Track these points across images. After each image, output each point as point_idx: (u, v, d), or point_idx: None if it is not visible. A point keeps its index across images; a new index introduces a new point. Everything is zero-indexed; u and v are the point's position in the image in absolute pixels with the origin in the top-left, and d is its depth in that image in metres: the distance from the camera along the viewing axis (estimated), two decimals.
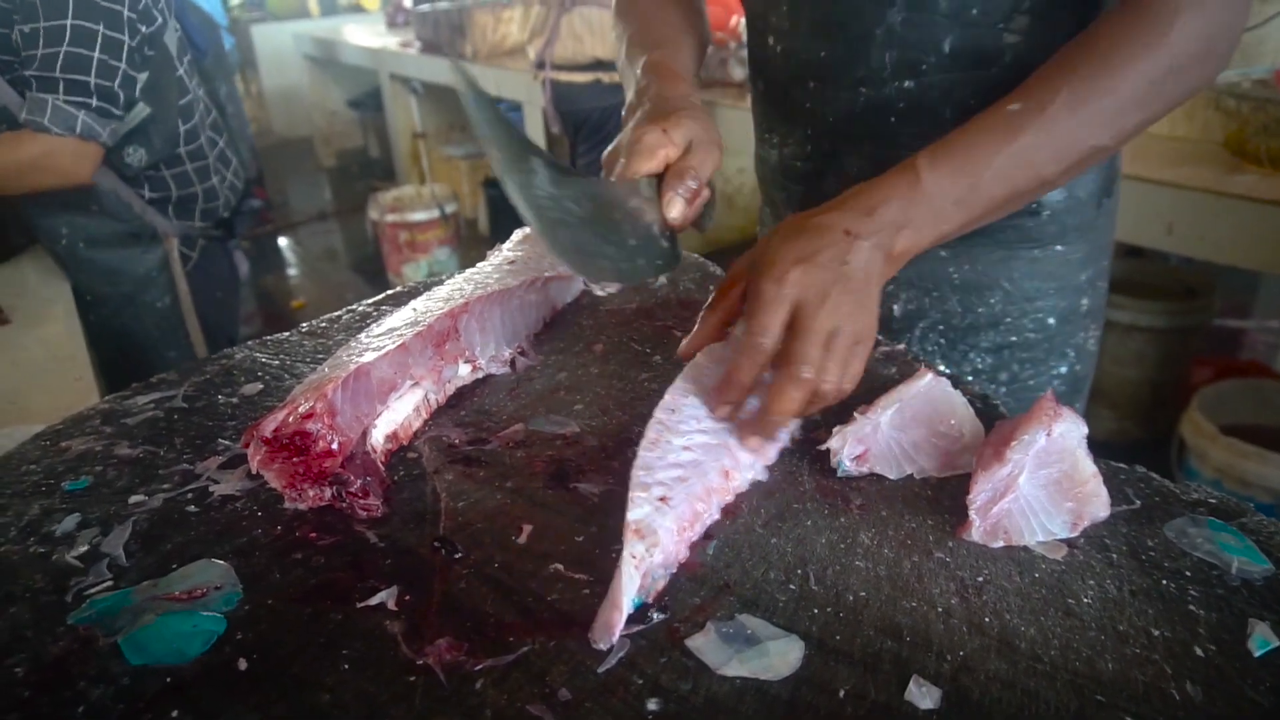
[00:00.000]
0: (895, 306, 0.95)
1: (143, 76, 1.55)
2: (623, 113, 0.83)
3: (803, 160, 0.96)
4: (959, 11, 0.79)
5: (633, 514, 0.53)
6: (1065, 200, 0.88)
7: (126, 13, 1.48)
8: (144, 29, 1.52)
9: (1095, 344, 1.00)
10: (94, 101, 1.47)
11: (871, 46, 0.83)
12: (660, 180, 0.73)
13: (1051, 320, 0.93)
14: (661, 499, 0.55)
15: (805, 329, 0.60)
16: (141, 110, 1.57)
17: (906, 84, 0.83)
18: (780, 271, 0.61)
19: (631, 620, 0.49)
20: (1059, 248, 0.90)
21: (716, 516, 0.58)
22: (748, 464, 0.62)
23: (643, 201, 0.72)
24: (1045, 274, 0.91)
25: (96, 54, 1.44)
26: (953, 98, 0.83)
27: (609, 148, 0.76)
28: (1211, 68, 0.69)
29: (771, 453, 0.64)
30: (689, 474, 0.58)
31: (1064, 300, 0.93)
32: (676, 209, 0.72)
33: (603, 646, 0.48)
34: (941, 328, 0.94)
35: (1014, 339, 0.94)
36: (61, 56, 1.42)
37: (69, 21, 1.41)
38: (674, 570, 0.54)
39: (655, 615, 0.50)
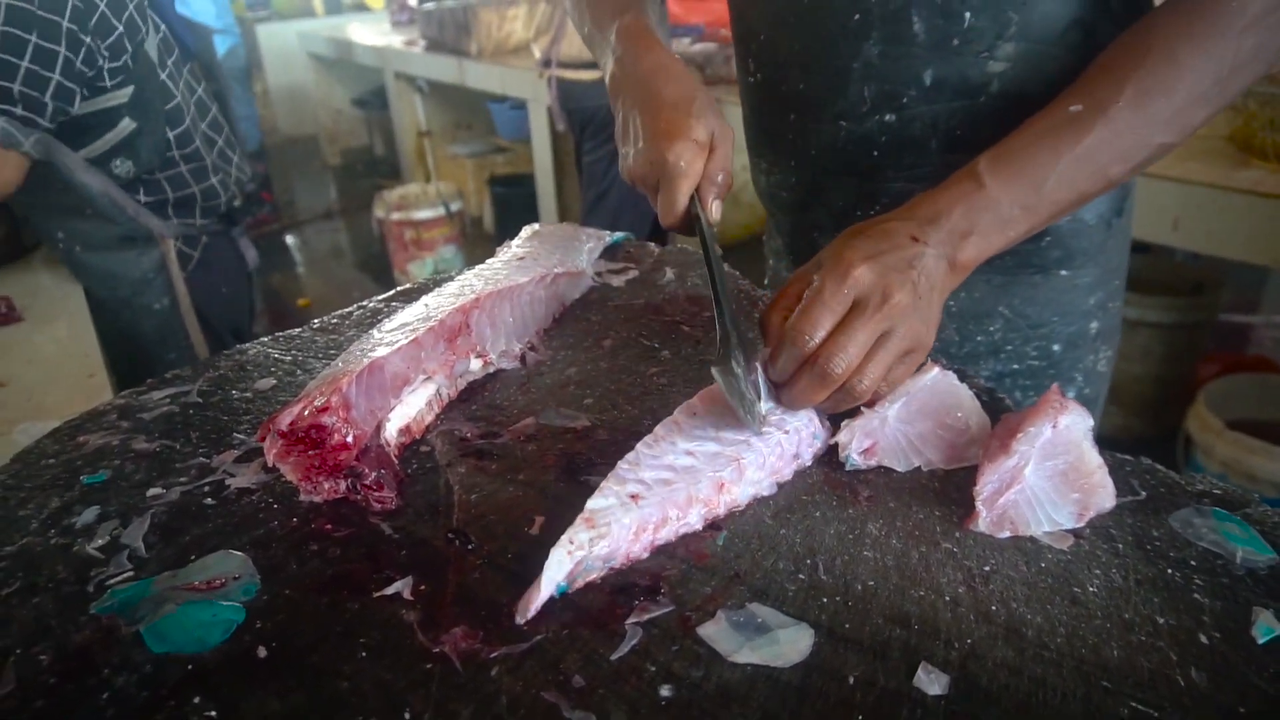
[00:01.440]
0: None
1: (125, 91, 1.53)
2: (605, 82, 0.81)
3: (788, 191, 0.94)
4: (939, 42, 0.76)
5: (593, 502, 0.54)
6: (1070, 224, 0.85)
7: (67, 24, 1.44)
8: (96, 41, 1.49)
9: (1107, 364, 0.96)
10: (18, 110, 1.44)
11: (849, 81, 0.81)
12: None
13: (1057, 347, 0.90)
14: (632, 496, 0.55)
15: (853, 326, 0.59)
16: (127, 125, 1.56)
17: (888, 118, 0.81)
18: (845, 268, 0.60)
19: (642, 609, 0.50)
20: (1064, 273, 0.87)
21: (697, 527, 0.57)
22: (754, 480, 0.60)
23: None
24: (1047, 300, 0.88)
25: (25, 63, 1.41)
26: (938, 130, 0.80)
27: (632, 157, 0.74)
28: (1272, 58, 0.67)
29: (787, 470, 0.63)
30: (677, 479, 0.57)
31: (1070, 326, 0.90)
32: (717, 212, 0.72)
33: (519, 620, 0.49)
34: (938, 357, 0.92)
35: (1016, 366, 0.91)
36: None
37: None
38: (616, 565, 0.54)
39: (664, 602, 0.51)
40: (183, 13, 1.89)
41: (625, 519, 0.53)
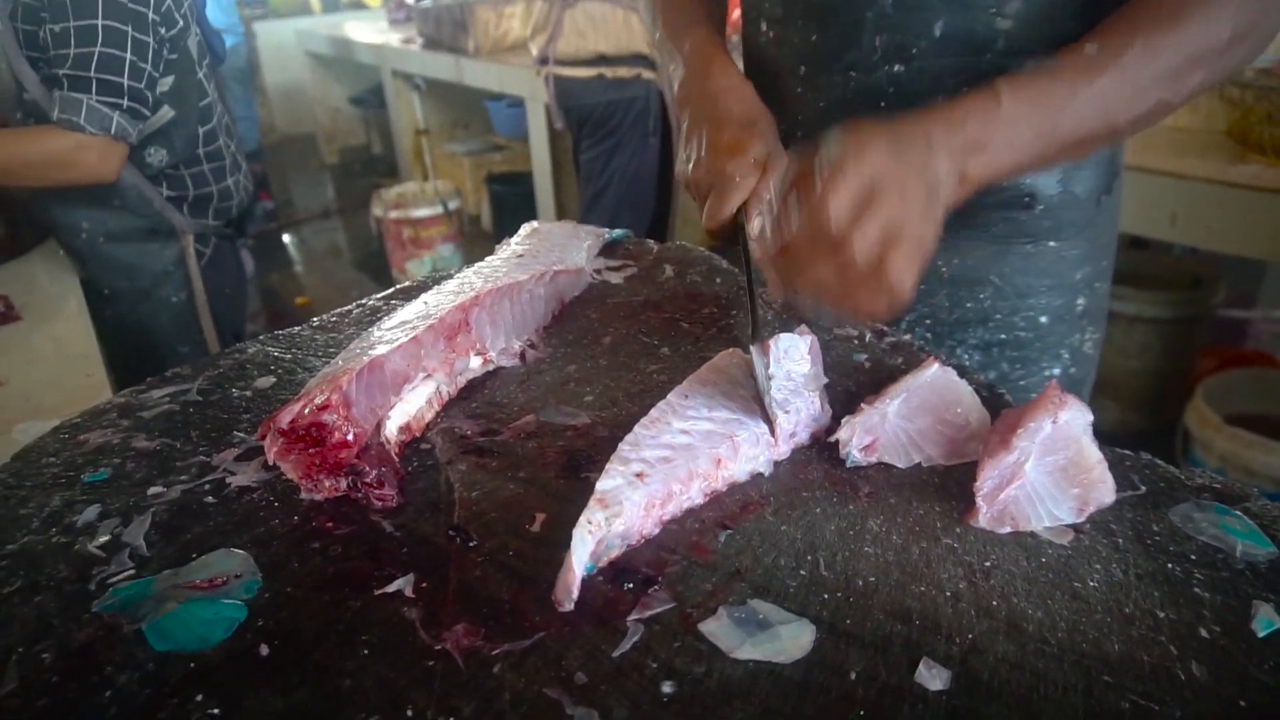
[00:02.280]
0: None
1: (167, 80, 1.57)
2: (673, 92, 0.85)
3: (791, 145, 0.96)
4: None
5: (602, 483, 0.55)
6: (1060, 194, 0.87)
7: (151, 15, 1.50)
8: (165, 32, 1.54)
9: (1094, 348, 0.98)
10: (125, 102, 1.49)
11: (863, 30, 0.83)
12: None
13: (1044, 319, 0.92)
14: (638, 474, 0.56)
15: (876, 198, 0.60)
16: (166, 113, 1.59)
17: (896, 69, 0.83)
18: (866, 153, 0.61)
19: (643, 606, 0.50)
20: (1053, 243, 0.89)
21: (699, 501, 0.59)
22: (750, 456, 0.62)
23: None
24: (1038, 270, 0.90)
25: (128, 55, 1.46)
26: (944, 84, 0.82)
27: (692, 164, 0.76)
28: (1264, 38, 0.70)
29: (783, 447, 0.65)
30: (676, 456, 0.59)
31: (1058, 299, 0.92)
32: (759, 227, 0.72)
33: (566, 607, 0.50)
34: (929, 322, 0.94)
35: (1003, 336, 0.93)
36: (96, 57, 1.43)
37: (99, 22, 1.42)
38: (634, 542, 0.55)
39: (664, 597, 0.51)
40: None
41: (635, 495, 0.55)
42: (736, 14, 1.04)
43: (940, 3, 0.79)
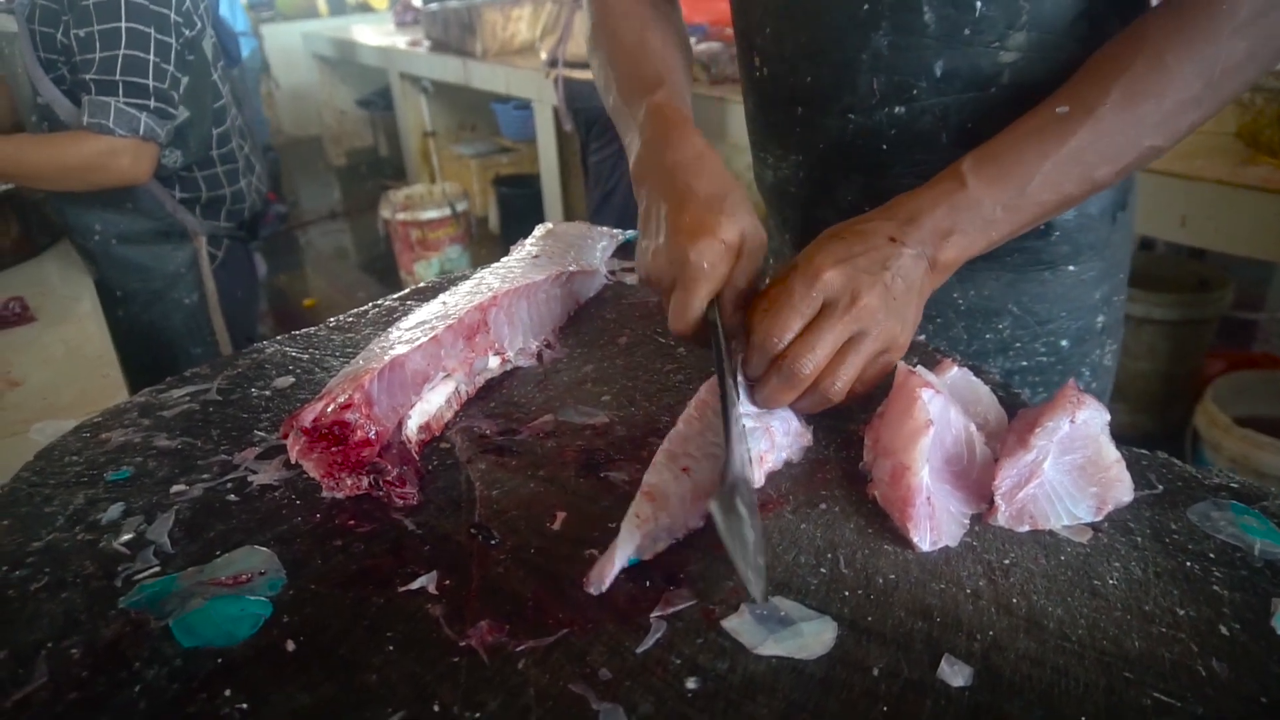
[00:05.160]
0: None
1: (185, 80, 1.58)
2: (630, 165, 0.76)
3: (796, 186, 0.93)
4: (949, 32, 0.76)
5: (649, 477, 0.56)
6: (1076, 219, 0.85)
7: (173, 16, 1.51)
8: (187, 33, 1.56)
9: (1113, 359, 0.97)
10: (152, 103, 1.50)
11: (858, 72, 0.80)
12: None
13: (1065, 342, 0.90)
14: (684, 469, 0.57)
15: (821, 328, 0.59)
16: (181, 114, 1.60)
17: (897, 110, 0.80)
18: (816, 270, 0.60)
19: (666, 602, 0.50)
20: (1071, 268, 0.87)
21: None
22: (784, 444, 0.63)
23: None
24: (1056, 296, 0.88)
25: (152, 56, 1.48)
26: (948, 122, 0.79)
27: (650, 253, 0.67)
28: (1266, 62, 0.67)
29: (808, 436, 0.65)
30: (721, 452, 0.59)
31: (1078, 321, 0.90)
32: (727, 315, 0.66)
33: (593, 591, 0.51)
34: (953, 353, 0.92)
35: (1025, 363, 0.90)
36: (120, 60, 1.45)
37: (123, 25, 1.44)
38: (680, 536, 0.55)
39: (687, 595, 0.51)
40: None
41: (680, 489, 0.56)
42: None
43: (938, 40, 0.76)
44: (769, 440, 0.62)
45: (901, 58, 0.78)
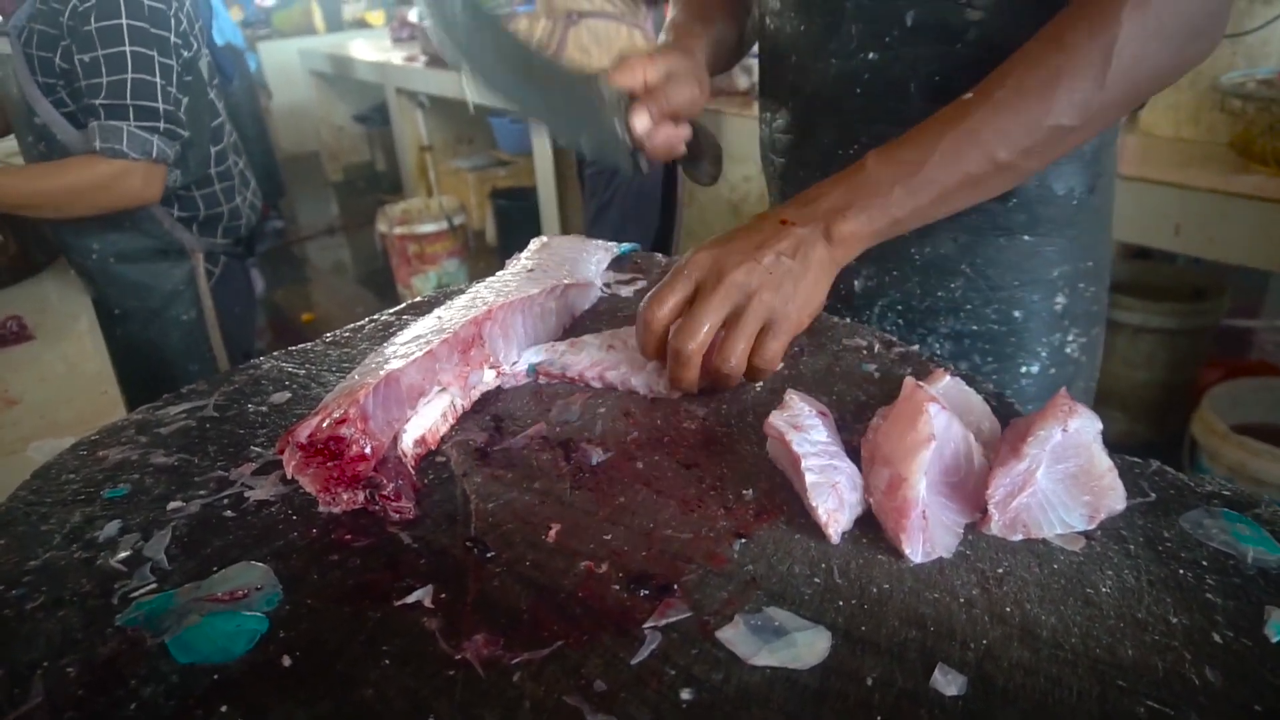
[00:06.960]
0: (856, 282, 0.96)
1: (185, 100, 1.59)
2: None
3: (784, 133, 1.00)
4: None
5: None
6: (1036, 189, 0.88)
7: (173, 38, 1.53)
8: (185, 54, 1.57)
9: (1080, 351, 0.97)
10: (162, 125, 1.52)
11: (843, 19, 0.87)
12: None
13: (1017, 313, 0.92)
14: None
15: (695, 307, 0.65)
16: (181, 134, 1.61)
17: (871, 56, 0.86)
18: (689, 258, 0.67)
19: (660, 613, 0.51)
20: (1027, 238, 0.90)
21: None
22: (852, 501, 0.59)
23: (604, 103, 0.78)
24: (1009, 263, 0.91)
25: (158, 79, 1.50)
26: (917, 72, 0.84)
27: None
28: (1175, 44, 0.68)
29: (839, 527, 0.59)
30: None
31: (1034, 294, 0.92)
32: (642, 122, 0.78)
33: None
34: (900, 308, 0.94)
35: (975, 327, 0.93)
36: (130, 84, 1.47)
37: (127, 49, 1.45)
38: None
39: (682, 607, 0.51)
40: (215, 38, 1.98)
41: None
42: None
43: None
44: (836, 499, 0.58)
45: (880, 6, 0.84)
